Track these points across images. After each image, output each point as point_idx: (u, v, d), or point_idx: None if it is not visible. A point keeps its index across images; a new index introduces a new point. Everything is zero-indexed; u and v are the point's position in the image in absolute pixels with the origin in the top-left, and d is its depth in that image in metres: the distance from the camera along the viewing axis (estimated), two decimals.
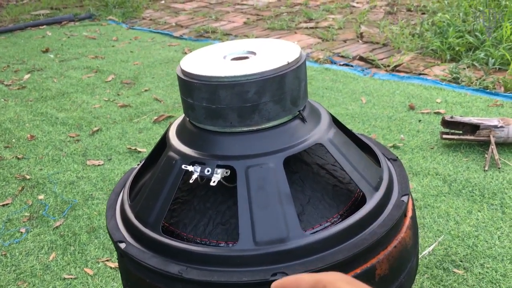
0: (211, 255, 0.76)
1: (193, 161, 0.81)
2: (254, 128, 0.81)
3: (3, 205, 2.19)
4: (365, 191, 0.83)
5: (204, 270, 0.75)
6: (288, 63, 0.80)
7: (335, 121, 0.95)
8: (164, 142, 0.92)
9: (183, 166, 0.81)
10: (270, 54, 0.85)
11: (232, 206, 0.83)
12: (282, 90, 0.80)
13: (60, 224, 2.03)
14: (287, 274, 0.73)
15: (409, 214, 0.88)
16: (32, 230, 2.01)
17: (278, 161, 0.79)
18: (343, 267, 0.76)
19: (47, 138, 2.79)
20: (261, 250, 0.75)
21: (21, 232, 2.01)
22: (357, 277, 0.77)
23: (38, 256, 1.86)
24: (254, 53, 0.87)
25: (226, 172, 0.79)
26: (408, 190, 0.88)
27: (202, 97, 0.80)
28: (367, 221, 0.80)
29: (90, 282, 1.72)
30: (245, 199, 0.77)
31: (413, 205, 0.92)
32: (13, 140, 2.79)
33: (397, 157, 0.98)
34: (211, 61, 0.85)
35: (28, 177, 2.39)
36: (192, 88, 0.80)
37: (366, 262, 0.78)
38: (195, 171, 0.80)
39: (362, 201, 0.85)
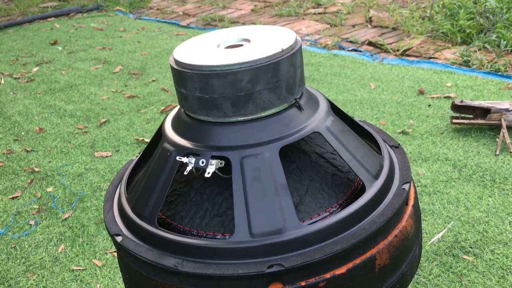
0: (206, 247, 0.75)
1: (187, 153, 0.80)
2: (249, 117, 0.79)
3: (13, 198, 2.21)
4: (364, 179, 0.81)
5: (199, 263, 0.74)
6: (283, 50, 0.78)
7: (334, 108, 0.93)
8: (160, 133, 0.91)
9: (177, 158, 0.80)
10: (264, 41, 0.82)
11: (229, 198, 0.82)
12: (277, 78, 0.78)
13: (69, 216, 2.04)
14: (283, 266, 0.72)
15: (411, 202, 0.86)
16: (41, 222, 2.03)
17: (273, 151, 0.77)
18: (341, 258, 0.74)
19: (56, 130, 2.80)
20: (257, 242, 0.74)
21: (30, 224, 2.02)
22: (356, 268, 0.75)
23: (47, 248, 1.87)
24: (248, 41, 0.85)
25: (221, 163, 0.78)
26: (409, 178, 0.86)
27: (195, 87, 0.78)
28: (366, 210, 0.78)
29: (99, 273, 1.73)
30: (241, 190, 0.76)
31: (416, 193, 0.89)
32: (22, 133, 2.81)
33: (399, 144, 0.96)
34: (205, 50, 0.83)
35: (37, 169, 2.40)
36: (185, 77, 0.79)
37: (366, 252, 0.76)
38: (190, 162, 0.78)
39: (362, 190, 0.83)
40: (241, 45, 0.84)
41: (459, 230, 1.71)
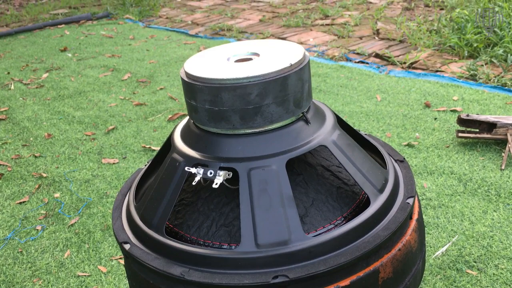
0: (213, 257, 0.76)
1: (196, 163, 0.82)
2: (257, 130, 0.81)
3: (20, 203, 2.23)
4: (369, 193, 0.82)
5: (206, 272, 0.76)
6: (291, 65, 0.80)
7: (340, 122, 0.95)
8: (169, 143, 0.93)
9: (186, 168, 0.81)
10: (273, 55, 0.84)
11: (236, 208, 0.83)
12: (285, 92, 0.80)
13: (75, 222, 2.06)
14: (288, 277, 0.73)
15: (415, 216, 0.87)
16: (47, 227, 2.04)
17: (280, 163, 0.79)
18: (345, 270, 0.76)
19: (64, 136, 2.83)
20: (262, 252, 0.75)
21: (37, 229, 2.04)
22: (360, 280, 0.76)
23: (53, 254, 1.89)
24: (257, 55, 0.87)
25: (228, 174, 0.79)
26: (414, 192, 0.87)
27: (205, 99, 0.80)
28: (371, 224, 0.79)
29: (104, 280, 1.74)
30: (247, 201, 0.77)
31: (420, 207, 0.90)
32: (31, 139, 2.84)
33: (404, 158, 0.97)
34: (215, 63, 0.85)
35: (44, 175, 2.43)
36: (195, 90, 0.81)
37: (369, 265, 0.77)
38: (198, 173, 0.80)
39: (367, 203, 0.84)
40: (250, 59, 0.86)
41: (463, 244, 1.71)
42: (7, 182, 2.40)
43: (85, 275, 1.77)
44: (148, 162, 1.06)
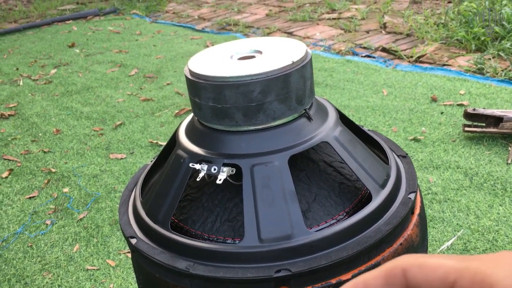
0: (217, 251, 0.78)
1: (200, 160, 0.83)
2: (260, 127, 0.82)
3: (30, 198, 2.26)
4: (371, 188, 0.83)
5: (210, 266, 0.77)
6: (293, 63, 0.81)
7: (343, 118, 0.96)
8: (174, 140, 0.94)
9: (190, 165, 0.83)
10: (276, 53, 0.85)
11: (239, 204, 0.85)
12: (287, 89, 0.81)
13: (84, 217, 2.08)
14: (291, 271, 0.74)
15: (417, 211, 0.87)
16: (57, 222, 2.08)
17: (283, 159, 0.80)
18: (347, 264, 0.77)
19: (72, 132, 2.86)
20: (265, 247, 0.76)
21: (47, 224, 2.07)
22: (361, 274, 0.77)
23: (62, 248, 1.92)
24: (260, 52, 0.88)
25: (232, 171, 0.81)
26: (416, 187, 0.88)
27: (208, 97, 0.81)
28: (372, 218, 0.80)
29: (112, 273, 1.77)
30: (250, 197, 0.78)
31: (422, 202, 0.91)
32: (40, 134, 2.87)
33: (407, 154, 0.98)
34: (218, 61, 0.86)
35: (53, 170, 2.46)
36: (199, 88, 0.82)
37: (371, 259, 0.78)
38: (202, 169, 0.81)
39: (368, 198, 0.85)
40: (253, 56, 0.87)
41: (468, 238, 1.72)
42: (17, 177, 2.44)
43: (94, 269, 1.79)
44: (154, 158, 1.08)
